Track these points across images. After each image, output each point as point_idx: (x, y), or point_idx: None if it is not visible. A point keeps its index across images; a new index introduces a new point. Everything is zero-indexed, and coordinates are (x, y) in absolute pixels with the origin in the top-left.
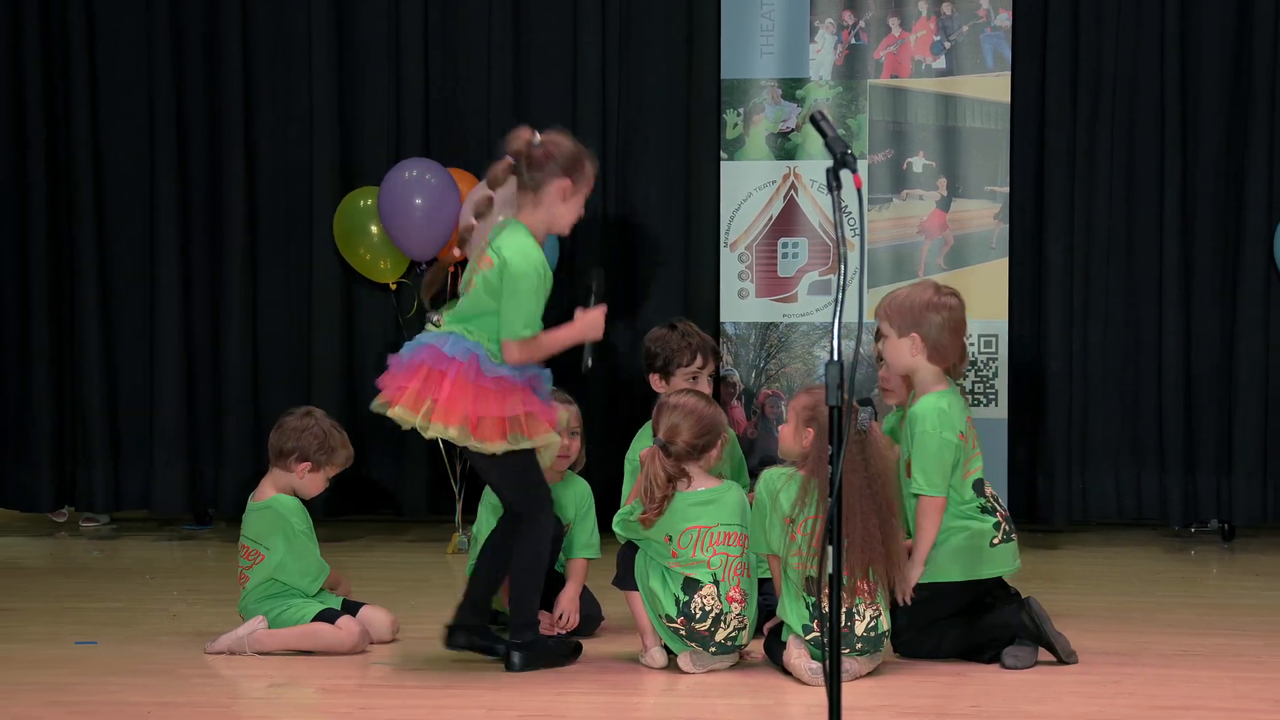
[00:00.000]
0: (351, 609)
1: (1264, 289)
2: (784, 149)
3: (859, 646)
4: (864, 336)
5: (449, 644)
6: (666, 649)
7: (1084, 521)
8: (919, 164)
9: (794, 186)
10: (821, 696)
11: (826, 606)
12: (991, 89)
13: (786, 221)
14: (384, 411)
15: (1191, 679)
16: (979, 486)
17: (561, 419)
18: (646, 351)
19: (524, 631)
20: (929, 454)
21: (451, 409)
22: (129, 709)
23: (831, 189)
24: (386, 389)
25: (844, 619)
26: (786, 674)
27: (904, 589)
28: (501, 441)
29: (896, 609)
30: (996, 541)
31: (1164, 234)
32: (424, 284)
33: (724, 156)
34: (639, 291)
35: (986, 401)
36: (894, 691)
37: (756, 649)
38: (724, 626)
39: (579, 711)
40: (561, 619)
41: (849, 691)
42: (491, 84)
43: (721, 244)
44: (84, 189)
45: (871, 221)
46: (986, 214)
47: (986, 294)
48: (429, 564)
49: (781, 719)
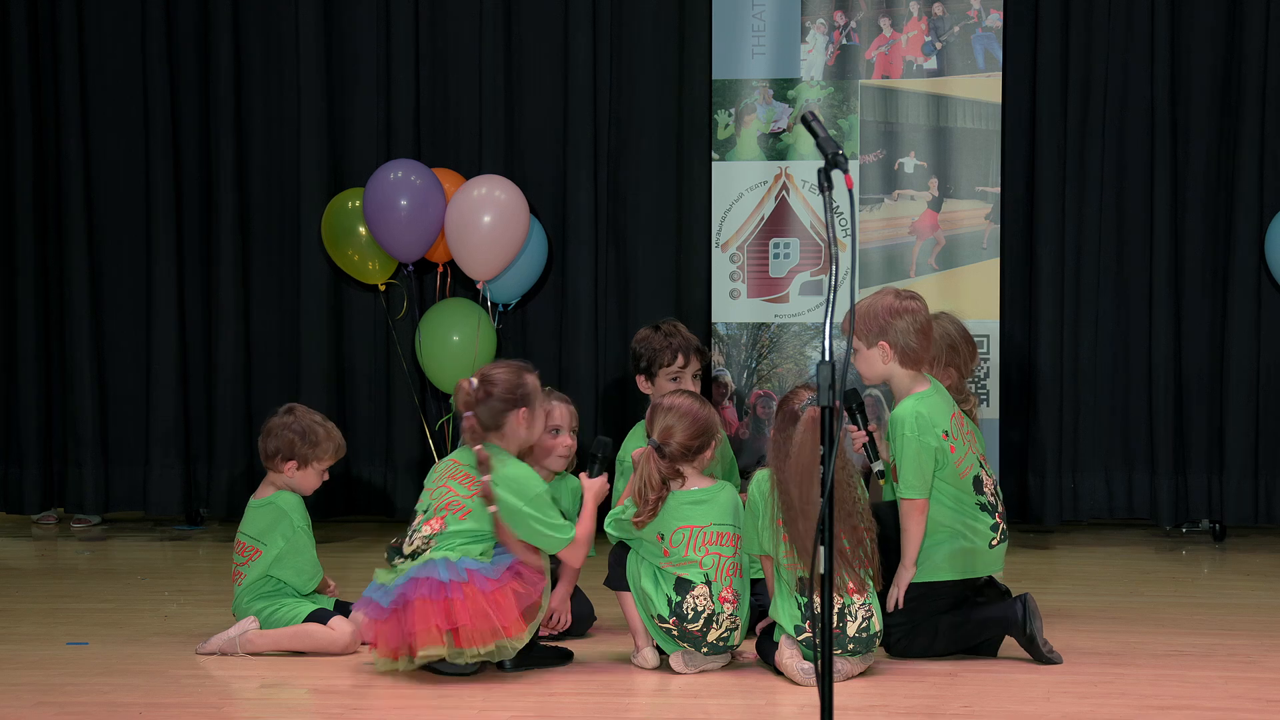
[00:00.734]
0: (344, 609)
1: (1254, 289)
2: (775, 149)
3: (851, 647)
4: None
5: None
6: (659, 649)
7: (1075, 521)
8: (910, 164)
9: (785, 187)
10: (813, 697)
11: (818, 607)
12: (983, 89)
13: (778, 222)
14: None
15: (1183, 679)
16: (978, 483)
17: (564, 418)
18: (632, 353)
19: None
20: (908, 458)
21: (477, 630)
22: (120, 710)
23: (823, 189)
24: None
25: (836, 619)
26: (778, 674)
27: (895, 594)
28: (525, 629)
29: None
30: (995, 543)
31: (1155, 235)
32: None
33: (715, 157)
34: (630, 292)
35: (978, 401)
36: (886, 691)
37: (749, 649)
38: (716, 627)
39: (571, 711)
40: (553, 619)
41: (841, 691)
42: (483, 85)
43: (713, 244)
44: (73, 188)
45: (863, 222)
46: (978, 214)
47: (978, 294)
48: None
49: (774, 719)
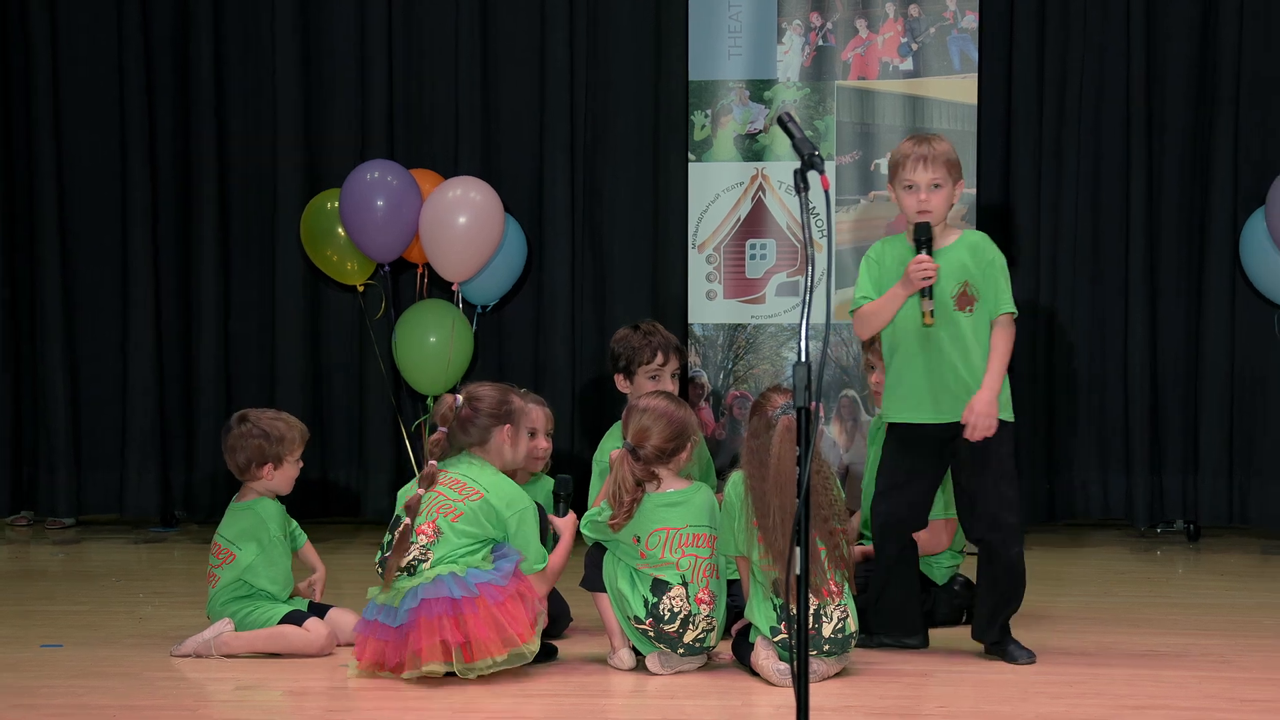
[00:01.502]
0: (319, 611)
1: (1229, 289)
2: (752, 150)
3: (826, 648)
4: (831, 338)
5: None
6: (635, 650)
7: (1051, 522)
8: (886, 165)
9: (762, 188)
10: (789, 697)
11: (794, 608)
12: (959, 90)
13: (754, 223)
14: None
15: (1158, 678)
16: None
17: (540, 420)
18: (611, 353)
19: None
20: (1006, 274)
21: (490, 641)
22: (95, 712)
23: (799, 190)
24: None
25: (811, 621)
26: (754, 675)
27: (988, 421)
28: (535, 633)
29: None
30: None
31: (1130, 234)
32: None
33: (692, 158)
34: (607, 293)
35: None
36: (861, 692)
37: (725, 650)
38: (692, 628)
39: (547, 712)
40: None
41: (816, 692)
42: (459, 85)
43: (689, 245)
44: (46, 187)
45: (839, 223)
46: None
47: None
48: None
49: (749, 719)
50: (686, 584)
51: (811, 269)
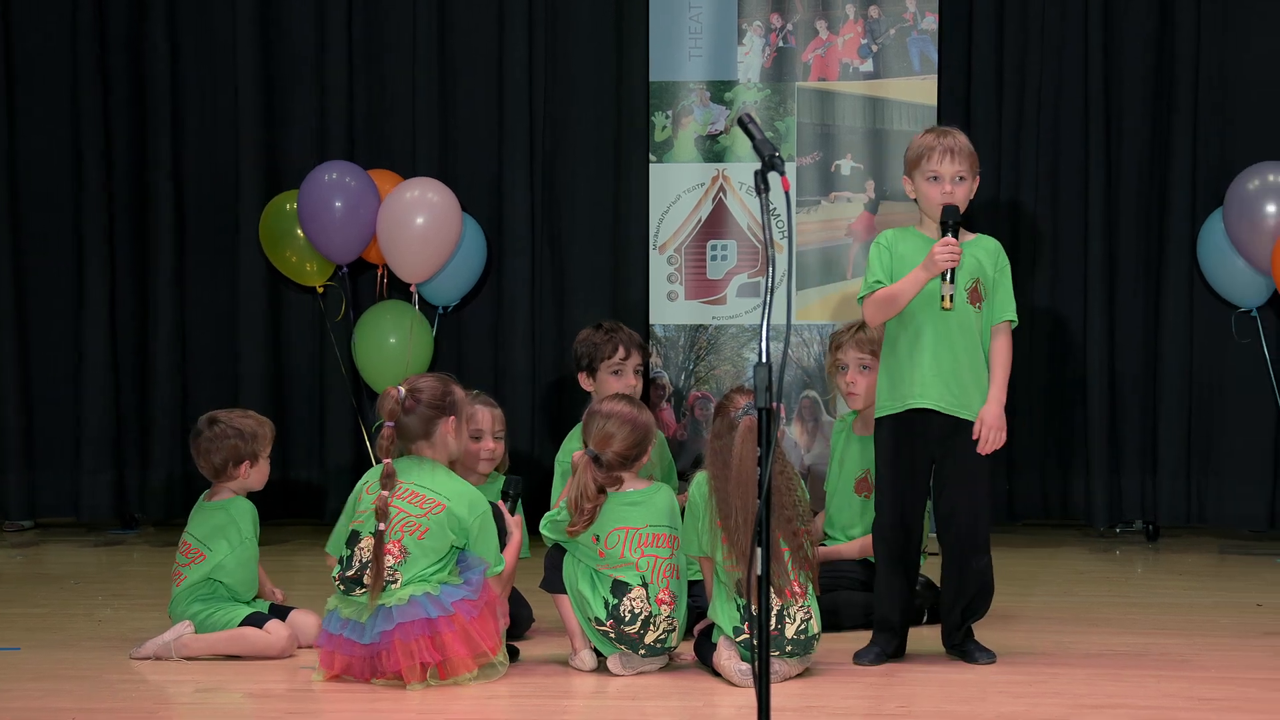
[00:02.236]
0: (281, 613)
1: (1187, 291)
2: (713, 151)
3: (789, 649)
4: (792, 339)
5: None
6: (596, 651)
7: (1011, 522)
8: (847, 166)
9: (723, 189)
10: (751, 698)
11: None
12: (918, 92)
13: (715, 224)
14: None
15: (1117, 677)
16: None
17: (486, 421)
18: (574, 353)
19: None
20: (1012, 283)
21: (463, 659)
22: (53, 714)
23: (760, 191)
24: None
25: (774, 621)
26: (716, 675)
27: (1000, 434)
28: (501, 644)
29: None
30: None
31: (1089, 237)
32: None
33: (653, 158)
34: (568, 294)
35: None
36: (823, 693)
37: (686, 651)
38: (653, 629)
39: (508, 714)
40: None
41: (778, 693)
42: (416, 85)
43: (650, 246)
44: None
45: (800, 224)
46: (914, 216)
47: None
48: None
49: None
50: (646, 585)
51: (772, 270)
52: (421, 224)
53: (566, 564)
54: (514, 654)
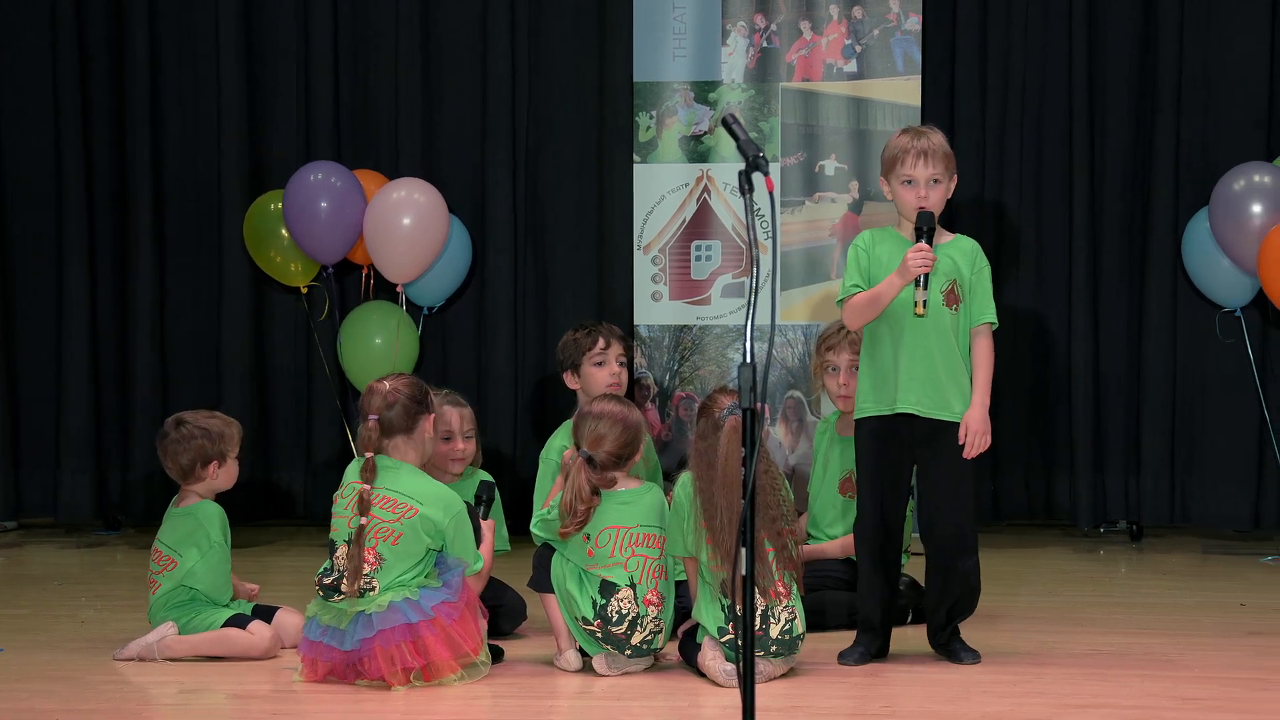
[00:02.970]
0: (265, 614)
1: (1170, 291)
2: (697, 152)
3: (773, 649)
4: (776, 339)
5: None
6: (582, 651)
7: (995, 522)
8: (831, 167)
9: (707, 189)
10: (736, 698)
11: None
12: (902, 92)
13: (700, 224)
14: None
15: (1101, 677)
16: None
17: (456, 422)
18: (558, 358)
19: None
20: (991, 284)
21: (446, 661)
22: (37, 716)
23: (744, 192)
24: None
25: (759, 622)
26: (701, 676)
27: (984, 439)
28: (483, 644)
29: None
30: None
31: (1073, 237)
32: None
33: (637, 159)
34: (551, 295)
35: None
36: (807, 693)
37: (671, 651)
38: (640, 629)
39: (492, 714)
40: None
41: (762, 693)
42: (399, 85)
43: (635, 246)
44: None
45: (784, 224)
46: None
47: None
48: None
49: None
50: (634, 585)
51: (757, 270)
52: (408, 224)
53: (555, 563)
54: (498, 654)
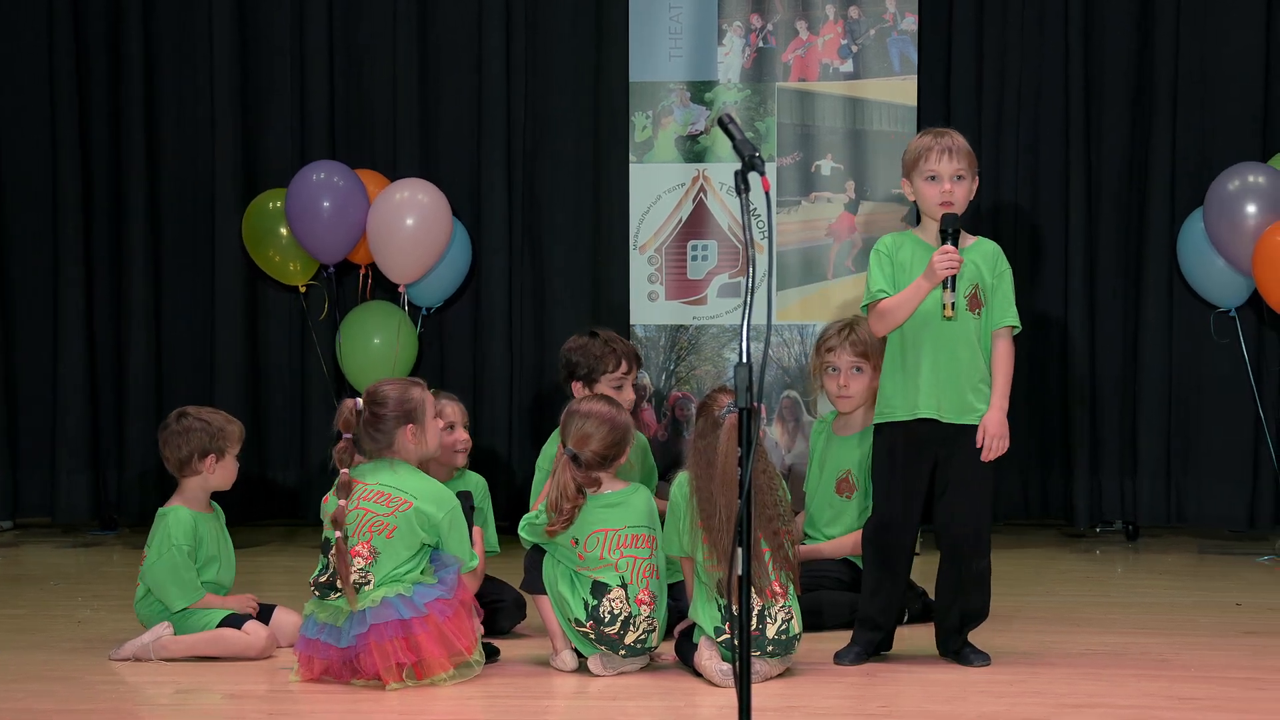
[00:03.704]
0: (262, 614)
1: (1167, 291)
2: (693, 151)
3: (770, 649)
4: (773, 339)
5: None
6: (577, 652)
7: (992, 522)
8: (827, 167)
9: (703, 189)
10: (732, 698)
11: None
12: (898, 92)
13: (696, 224)
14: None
15: (1097, 677)
16: None
17: (457, 413)
18: (567, 361)
19: None
20: (1013, 288)
21: (440, 659)
22: (33, 716)
23: (740, 191)
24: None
25: (755, 621)
26: (697, 676)
27: (1003, 442)
28: (477, 643)
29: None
30: None
31: (1069, 237)
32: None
33: (633, 159)
34: (548, 295)
35: None
36: (804, 693)
37: (667, 651)
38: (633, 629)
39: (488, 714)
40: None
41: (759, 693)
42: (397, 84)
43: (631, 246)
44: None
45: (780, 224)
46: (894, 216)
47: None
48: None
49: None
50: (626, 585)
51: (753, 270)
52: (412, 225)
53: (546, 565)
54: (494, 653)
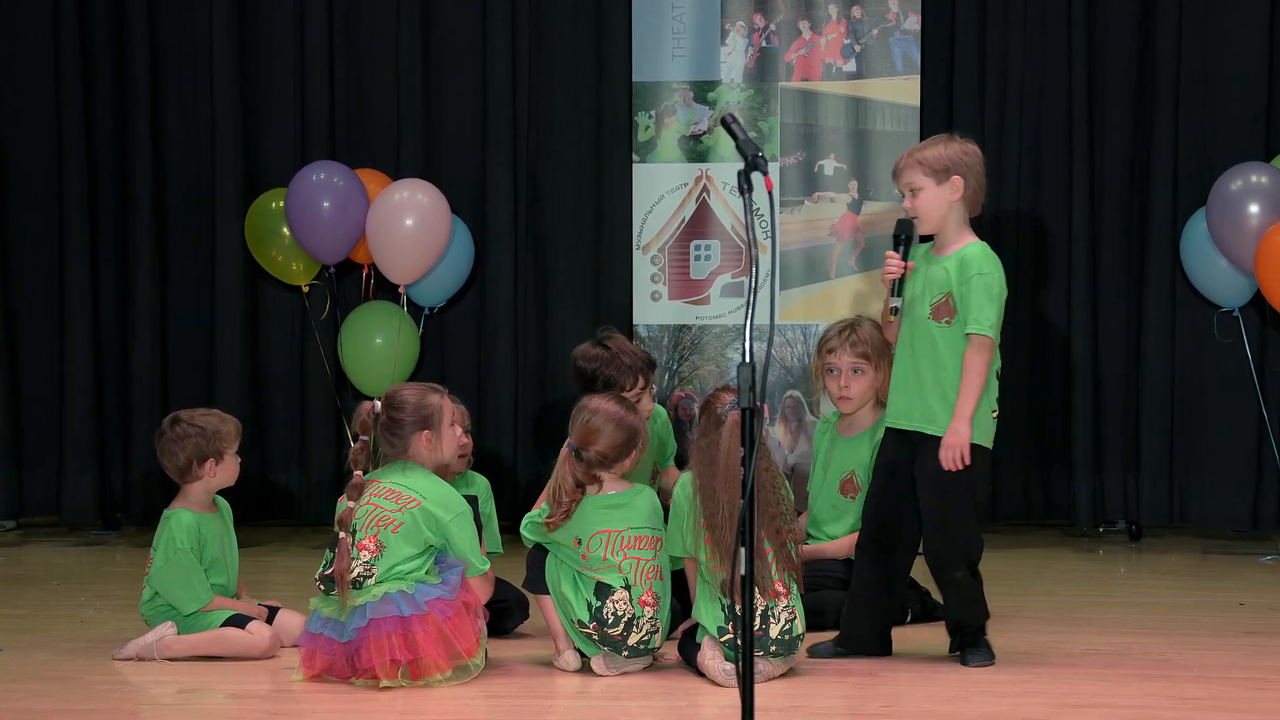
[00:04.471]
0: (268, 615)
1: (1169, 291)
2: (696, 151)
3: (773, 649)
4: (776, 339)
5: None
6: (580, 652)
7: (994, 522)
8: (830, 166)
9: (706, 189)
10: (735, 698)
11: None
12: (901, 92)
13: (699, 224)
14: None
15: (1099, 677)
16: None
17: (459, 415)
18: (581, 372)
19: None
20: (990, 293)
21: (437, 659)
22: (35, 716)
23: (743, 191)
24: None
25: (759, 621)
26: (700, 676)
27: (953, 454)
28: (480, 646)
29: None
30: (995, 415)
31: (1072, 236)
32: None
33: (636, 159)
34: (551, 295)
35: None
36: (807, 692)
37: (670, 651)
38: (636, 630)
39: (491, 714)
40: None
41: (762, 692)
42: (399, 84)
43: (634, 246)
44: None
45: (783, 224)
46: (897, 217)
47: None
48: None
49: None
50: (630, 586)
51: (756, 270)
52: (411, 225)
53: (549, 565)
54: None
